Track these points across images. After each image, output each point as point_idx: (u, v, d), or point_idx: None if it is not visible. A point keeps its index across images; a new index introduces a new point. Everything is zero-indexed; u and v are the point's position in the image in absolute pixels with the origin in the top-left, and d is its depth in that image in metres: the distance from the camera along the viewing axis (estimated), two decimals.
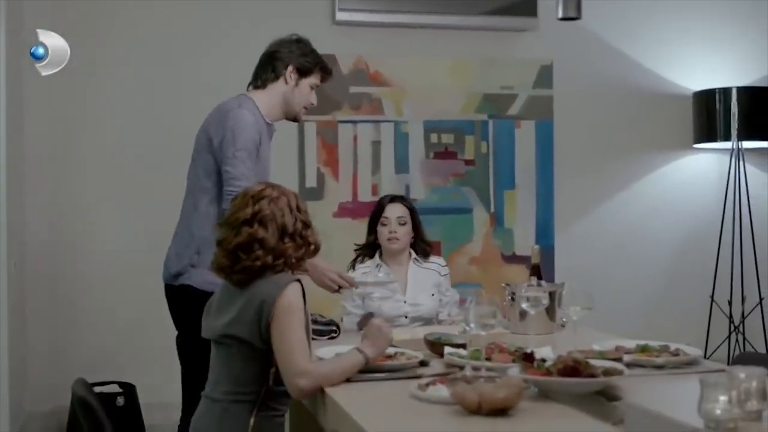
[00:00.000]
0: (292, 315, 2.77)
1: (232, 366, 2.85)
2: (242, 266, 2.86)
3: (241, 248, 2.87)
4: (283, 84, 3.98)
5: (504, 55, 6.23)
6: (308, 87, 4.03)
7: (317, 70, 4.06)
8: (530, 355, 2.70)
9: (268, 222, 2.89)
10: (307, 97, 4.03)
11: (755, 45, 6.60)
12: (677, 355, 3.08)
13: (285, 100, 3.99)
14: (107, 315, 5.64)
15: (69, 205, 5.63)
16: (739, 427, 2.14)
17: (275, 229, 2.89)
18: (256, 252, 2.86)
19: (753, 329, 6.28)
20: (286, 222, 2.91)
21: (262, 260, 2.85)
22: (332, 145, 5.96)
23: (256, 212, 2.90)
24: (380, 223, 4.33)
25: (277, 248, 2.88)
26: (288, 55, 4.05)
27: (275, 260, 2.87)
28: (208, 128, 3.88)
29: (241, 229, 2.89)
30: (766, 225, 6.46)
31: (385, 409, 2.54)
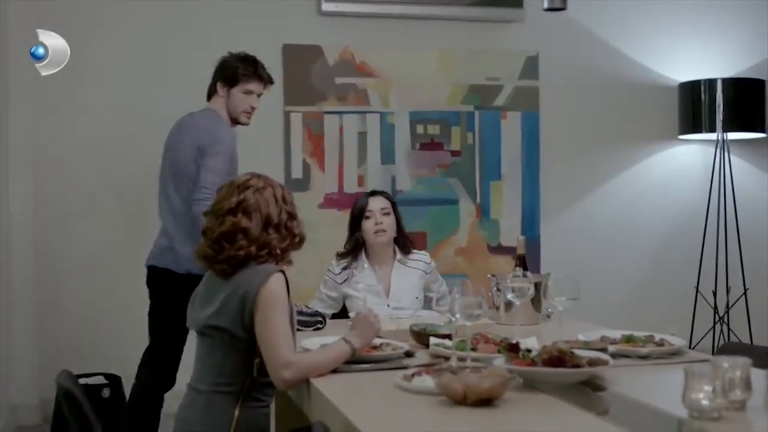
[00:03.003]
0: (275, 306, 2.77)
1: (217, 357, 2.85)
2: (226, 256, 2.86)
3: (224, 237, 2.87)
4: (219, 96, 4.51)
5: (490, 46, 6.23)
6: (242, 94, 4.50)
7: (240, 78, 4.51)
8: (515, 345, 2.70)
9: (252, 212, 2.89)
10: (244, 103, 4.51)
11: (740, 36, 6.61)
12: (662, 345, 3.09)
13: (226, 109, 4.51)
14: (93, 307, 5.63)
15: (54, 198, 5.61)
16: (723, 416, 2.16)
17: (260, 219, 2.89)
18: (239, 242, 2.85)
19: (737, 319, 6.31)
20: (271, 212, 2.91)
21: (246, 250, 2.85)
22: (318, 136, 5.95)
23: (241, 201, 2.89)
24: (364, 217, 4.25)
25: (261, 238, 2.88)
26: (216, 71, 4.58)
27: (259, 250, 2.87)
28: (195, 139, 4.32)
29: (225, 218, 2.88)
30: (750, 216, 6.49)
31: (371, 399, 2.55)
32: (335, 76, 5.97)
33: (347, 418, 2.29)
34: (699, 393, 2.15)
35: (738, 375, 2.22)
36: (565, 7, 4.10)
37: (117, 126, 5.68)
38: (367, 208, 4.23)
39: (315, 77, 5.95)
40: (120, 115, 5.68)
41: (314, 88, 5.94)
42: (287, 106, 5.90)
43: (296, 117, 5.92)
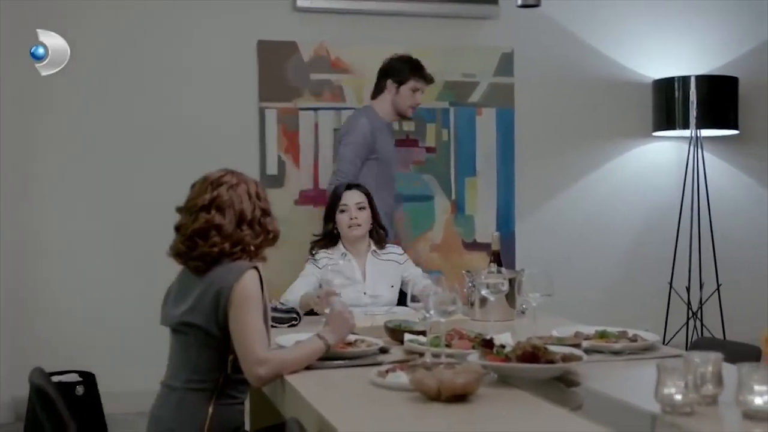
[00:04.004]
0: (249, 302, 2.76)
1: (190, 354, 2.83)
2: (199, 252, 2.85)
3: (198, 234, 2.85)
4: (386, 93, 5.23)
5: (465, 43, 6.24)
6: (408, 90, 5.18)
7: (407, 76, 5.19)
8: (490, 341, 2.70)
9: (226, 208, 2.87)
10: (409, 99, 5.21)
11: (714, 34, 6.65)
12: (635, 341, 3.11)
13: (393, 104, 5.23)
14: (66, 303, 5.60)
15: (27, 197, 5.59)
16: (695, 411, 2.17)
17: (233, 215, 2.88)
18: (213, 238, 2.84)
19: (710, 315, 6.35)
20: (245, 209, 2.90)
21: (219, 247, 2.84)
22: (293, 133, 5.94)
23: (214, 198, 2.88)
24: (339, 210, 4.27)
25: (235, 235, 2.87)
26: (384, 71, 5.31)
27: (233, 247, 2.86)
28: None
29: (199, 215, 2.87)
30: (723, 212, 6.53)
31: (345, 396, 2.54)
32: (310, 73, 5.96)
33: (321, 414, 2.29)
34: (671, 388, 2.16)
35: (710, 370, 2.24)
36: (539, 3, 4.12)
37: (91, 129, 5.67)
38: (341, 202, 4.25)
39: (290, 73, 5.94)
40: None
41: (289, 84, 5.92)
42: (262, 102, 5.89)
43: (271, 113, 5.90)
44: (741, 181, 6.75)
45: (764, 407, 2.07)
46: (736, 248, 6.60)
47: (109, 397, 5.27)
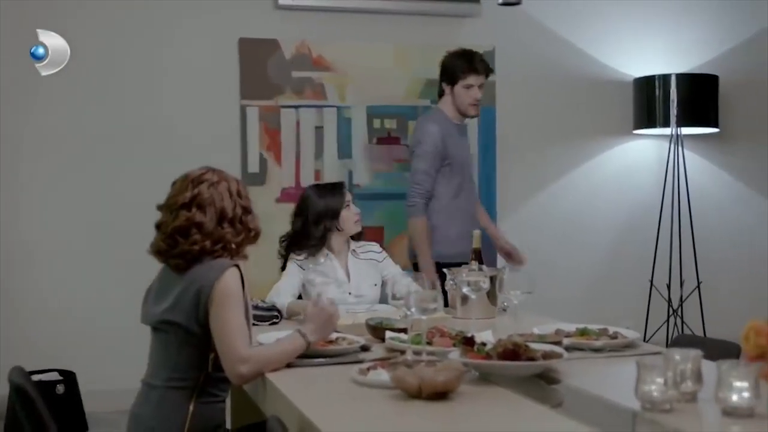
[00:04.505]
0: (230, 300, 2.75)
1: (171, 352, 2.83)
2: (180, 250, 2.84)
3: (178, 232, 2.85)
4: (446, 95, 5.03)
5: (447, 41, 6.20)
6: (463, 89, 4.94)
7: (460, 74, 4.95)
8: (471, 339, 2.71)
9: (206, 206, 2.87)
10: (466, 97, 4.95)
11: (694, 32, 6.68)
12: (615, 338, 3.12)
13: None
14: (47, 301, 5.58)
15: (9, 196, 5.58)
16: (675, 408, 2.18)
17: (214, 213, 2.87)
18: (193, 236, 2.84)
19: (691, 312, 6.38)
20: (225, 207, 2.89)
21: (200, 245, 2.83)
22: (275, 131, 5.94)
23: (195, 196, 2.87)
24: (344, 206, 4.24)
25: (216, 233, 2.86)
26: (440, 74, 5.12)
27: (214, 245, 2.85)
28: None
29: (179, 213, 2.86)
30: (703, 210, 6.56)
31: (326, 393, 2.54)
32: (292, 70, 5.96)
33: (302, 412, 2.29)
34: (651, 385, 2.17)
35: (689, 367, 2.25)
36: (520, 2, 4.12)
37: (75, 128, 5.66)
38: (345, 199, 4.24)
39: (271, 71, 5.93)
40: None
41: (271, 82, 5.92)
42: (243, 100, 5.88)
43: (252, 111, 5.90)
44: (721, 178, 6.79)
45: (743, 404, 2.08)
46: (716, 246, 6.64)
47: (90, 396, 5.26)
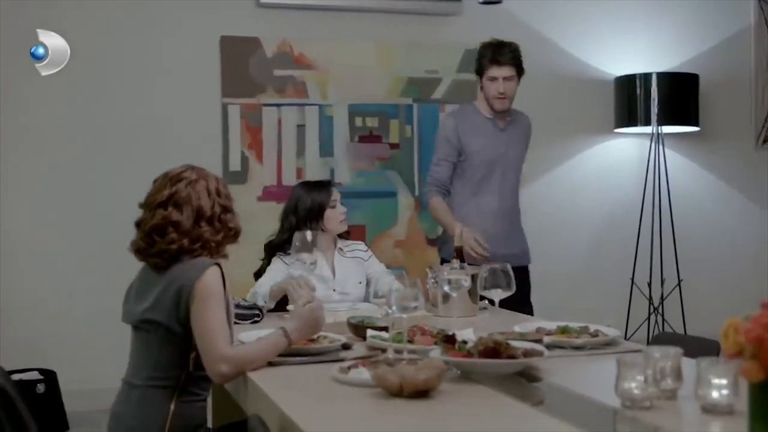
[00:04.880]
0: (211, 299, 2.74)
1: (152, 351, 2.81)
2: (158, 249, 2.83)
3: (155, 230, 2.84)
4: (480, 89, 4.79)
5: (429, 39, 6.25)
6: (487, 81, 4.69)
7: (484, 66, 4.71)
8: (452, 337, 2.71)
9: (183, 205, 2.85)
10: (490, 89, 4.68)
11: (675, 31, 6.71)
12: (596, 336, 3.13)
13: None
14: (27, 302, 5.55)
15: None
16: (655, 405, 2.19)
17: (191, 212, 2.85)
18: (170, 235, 2.82)
19: (672, 310, 6.40)
20: (203, 205, 2.87)
21: (177, 243, 2.82)
22: (256, 129, 5.93)
23: (172, 194, 2.86)
24: (329, 207, 4.23)
25: (193, 232, 2.84)
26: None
27: (192, 244, 2.83)
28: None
29: (156, 212, 2.85)
30: (684, 208, 6.59)
31: (307, 392, 2.54)
32: (273, 68, 5.95)
33: (283, 411, 2.29)
34: (631, 383, 2.18)
35: (669, 365, 2.25)
36: (500, 0, 4.13)
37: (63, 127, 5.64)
38: (332, 197, 4.23)
39: (253, 69, 5.92)
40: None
41: (252, 80, 5.91)
42: (225, 98, 5.87)
43: (234, 109, 5.89)
44: (702, 177, 6.82)
45: (722, 401, 2.09)
46: (696, 244, 6.67)
47: (71, 395, 5.24)
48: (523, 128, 4.89)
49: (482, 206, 4.70)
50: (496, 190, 4.73)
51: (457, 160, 4.71)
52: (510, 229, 4.78)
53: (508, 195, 4.80)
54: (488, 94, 4.68)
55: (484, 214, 4.68)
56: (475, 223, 4.55)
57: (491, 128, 4.74)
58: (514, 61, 4.70)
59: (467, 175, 4.71)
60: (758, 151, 6.93)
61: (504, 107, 4.70)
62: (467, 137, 4.69)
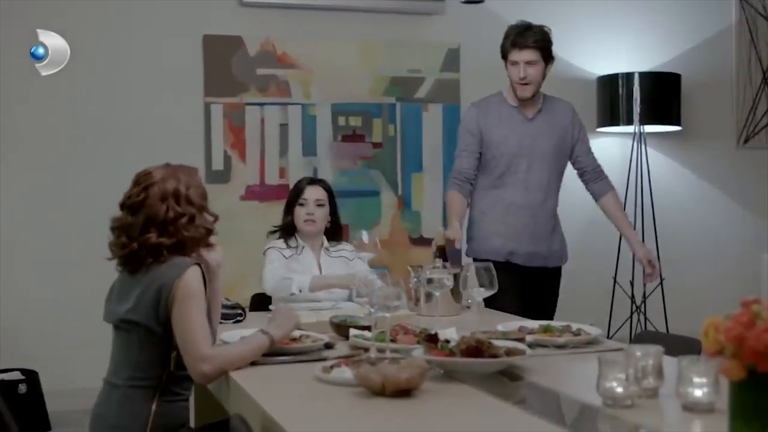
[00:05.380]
0: (192, 299, 2.73)
1: (132, 351, 2.81)
2: (118, 252, 2.85)
3: (114, 233, 2.86)
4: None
5: (411, 39, 6.25)
6: (509, 66, 4.48)
7: (506, 49, 4.50)
8: (434, 336, 2.71)
9: (137, 209, 2.82)
10: (512, 74, 4.47)
11: (657, 31, 6.73)
12: (578, 335, 3.14)
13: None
14: (8, 302, 5.52)
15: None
16: (636, 403, 2.19)
17: (142, 217, 2.81)
18: (121, 239, 2.82)
19: (654, 309, 6.42)
20: (154, 211, 2.81)
21: (129, 247, 2.80)
22: (239, 128, 5.92)
23: (128, 197, 2.86)
24: (298, 203, 4.27)
25: (140, 238, 2.80)
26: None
27: (140, 249, 2.79)
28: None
29: (119, 215, 2.88)
30: (666, 207, 6.61)
31: (289, 391, 2.54)
32: (256, 68, 5.94)
33: (265, 410, 2.28)
34: (612, 381, 2.18)
35: (650, 363, 2.26)
36: (482, 0, 4.13)
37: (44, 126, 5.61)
38: (302, 196, 4.24)
39: (236, 68, 5.91)
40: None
41: (235, 79, 5.90)
42: (207, 98, 5.85)
43: (217, 108, 5.87)
44: (684, 176, 6.84)
45: (703, 399, 2.09)
46: (678, 243, 6.69)
47: (53, 395, 5.22)
48: (560, 118, 4.58)
49: (503, 200, 4.47)
50: (521, 184, 4.46)
51: (481, 151, 4.50)
52: (535, 227, 4.50)
53: (537, 190, 4.49)
54: (512, 80, 4.47)
55: (505, 208, 4.47)
56: (494, 217, 4.45)
57: (517, 117, 4.50)
58: (538, 44, 4.43)
59: (490, 167, 4.49)
60: (740, 150, 6.97)
61: (527, 94, 4.43)
62: (489, 127, 4.48)
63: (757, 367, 1.62)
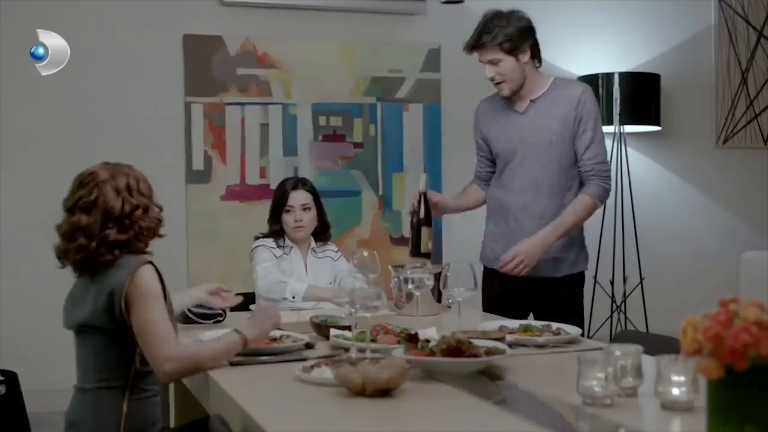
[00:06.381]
0: (148, 299, 2.69)
1: (98, 354, 2.78)
2: (72, 256, 2.81)
3: (66, 237, 2.81)
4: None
5: (392, 39, 6.25)
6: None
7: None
8: (414, 336, 2.71)
9: (92, 208, 2.79)
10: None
11: (637, 31, 6.76)
12: (558, 334, 3.15)
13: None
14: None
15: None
16: (615, 402, 2.20)
17: (99, 214, 2.78)
18: (79, 240, 2.77)
19: (634, 308, 6.45)
20: (111, 206, 2.78)
21: (88, 249, 2.76)
22: (219, 128, 5.90)
23: (80, 198, 2.81)
24: (284, 210, 4.26)
25: (100, 234, 2.77)
26: None
27: (99, 247, 2.76)
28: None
29: (66, 217, 2.84)
30: (646, 207, 6.64)
31: (269, 391, 2.53)
32: (237, 67, 5.93)
33: (245, 410, 2.28)
34: (592, 380, 2.19)
35: (630, 362, 2.27)
36: (462, 0, 4.13)
37: None
38: (287, 203, 4.23)
39: (216, 68, 5.90)
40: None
41: (215, 79, 5.89)
42: (188, 97, 5.84)
43: (197, 108, 5.86)
44: (663, 176, 6.88)
45: (682, 398, 2.10)
46: (658, 242, 6.72)
47: (32, 397, 5.18)
48: (561, 107, 4.05)
49: (505, 203, 4.11)
50: (517, 183, 4.06)
51: (489, 153, 4.21)
52: (520, 231, 4.02)
53: (524, 191, 4.05)
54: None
55: (496, 211, 4.17)
56: (493, 222, 4.18)
57: (507, 113, 4.13)
58: (494, 42, 4.01)
59: (496, 171, 4.19)
60: (719, 150, 7.01)
61: (505, 93, 4.05)
62: (487, 126, 4.18)
63: (735, 366, 1.63)
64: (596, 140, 4.05)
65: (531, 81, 4.07)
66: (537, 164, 4.01)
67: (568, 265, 4.10)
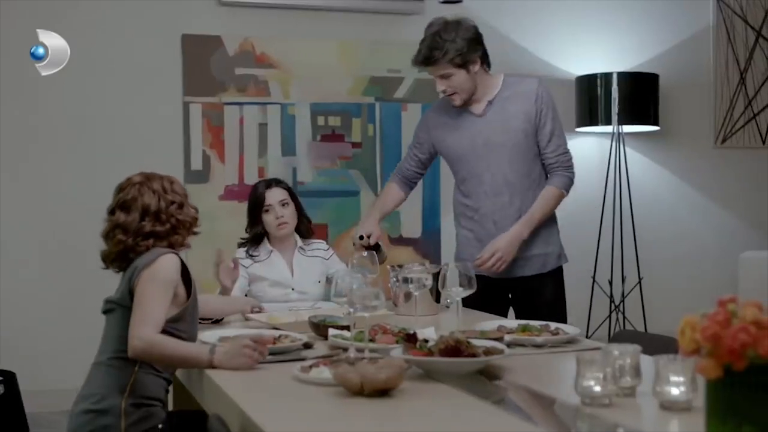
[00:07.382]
0: (154, 282, 2.83)
1: (117, 329, 2.89)
2: (109, 252, 2.99)
3: (106, 236, 2.99)
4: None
5: (391, 38, 6.25)
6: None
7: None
8: (413, 335, 2.71)
9: (130, 206, 2.97)
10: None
11: (636, 31, 6.76)
12: (557, 334, 3.15)
13: None
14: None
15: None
16: (614, 402, 2.20)
17: (137, 212, 2.96)
18: (117, 236, 2.94)
19: (632, 308, 6.45)
20: (148, 202, 2.97)
21: (123, 243, 2.93)
22: (218, 128, 5.90)
23: (119, 199, 2.99)
24: (264, 211, 4.23)
25: (139, 228, 2.95)
26: None
27: (136, 239, 2.94)
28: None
29: (107, 219, 3.01)
30: (644, 207, 6.64)
31: (267, 391, 2.53)
32: (235, 67, 5.93)
33: (243, 410, 2.28)
34: (590, 380, 2.19)
35: (628, 362, 2.27)
36: (461, 0, 4.12)
37: None
38: (265, 203, 4.21)
39: (215, 68, 5.90)
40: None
41: (214, 78, 5.89)
42: (186, 97, 5.84)
43: (195, 108, 5.86)
44: (661, 175, 6.88)
45: (680, 398, 2.10)
46: (657, 242, 6.72)
47: (31, 396, 5.18)
48: (520, 104, 4.01)
49: (479, 208, 4.03)
50: (488, 187, 3.99)
51: (428, 155, 4.19)
52: (498, 234, 3.96)
53: (511, 190, 3.98)
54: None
55: (482, 217, 4.03)
56: (464, 228, 4.10)
57: (464, 116, 4.03)
58: (446, 57, 3.90)
59: (457, 177, 4.12)
60: (717, 150, 7.01)
61: (457, 103, 3.97)
62: (438, 132, 4.10)
63: (733, 365, 1.63)
64: (556, 132, 4.10)
65: (483, 85, 4.02)
66: (506, 163, 3.97)
67: (544, 263, 4.22)
